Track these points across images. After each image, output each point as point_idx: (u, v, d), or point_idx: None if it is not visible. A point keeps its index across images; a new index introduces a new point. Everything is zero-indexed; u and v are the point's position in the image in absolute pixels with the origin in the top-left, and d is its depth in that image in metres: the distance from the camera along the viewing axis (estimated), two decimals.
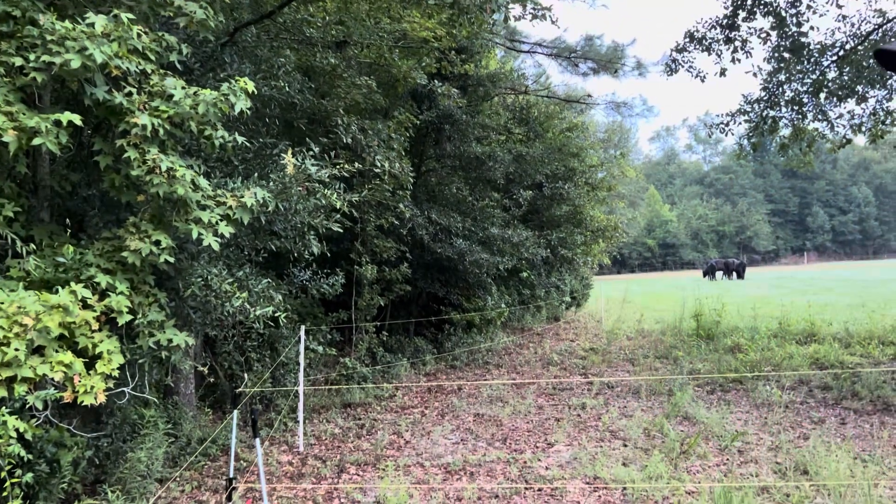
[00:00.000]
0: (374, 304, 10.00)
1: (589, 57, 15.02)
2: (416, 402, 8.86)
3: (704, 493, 4.82)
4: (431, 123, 11.16)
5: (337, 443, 7.06)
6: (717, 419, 7.09)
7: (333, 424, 7.72)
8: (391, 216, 9.58)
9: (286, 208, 5.24)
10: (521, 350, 13.06)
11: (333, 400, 8.66)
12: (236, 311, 5.01)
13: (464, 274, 11.26)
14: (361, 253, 9.81)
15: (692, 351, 11.48)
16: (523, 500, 5.14)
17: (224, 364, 7.71)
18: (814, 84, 9.67)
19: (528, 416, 7.90)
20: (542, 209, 15.87)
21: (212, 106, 4.30)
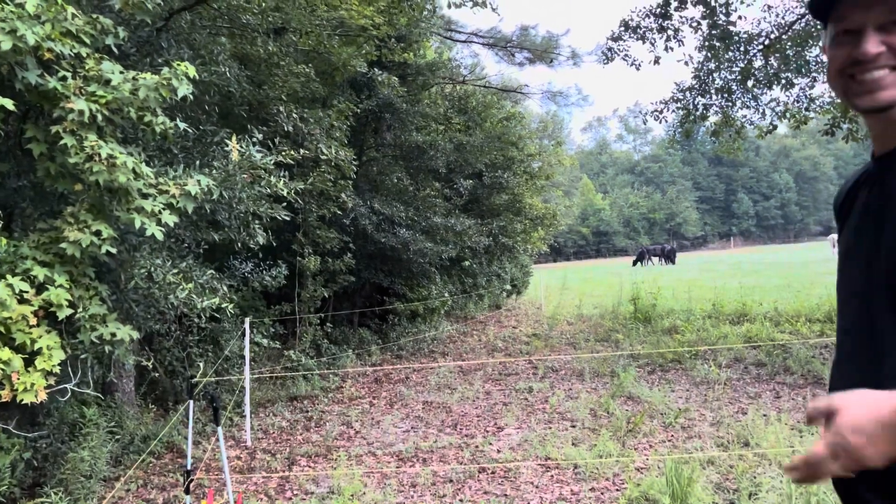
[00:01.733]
0: (317, 296, 9.89)
1: (525, 47, 15.16)
2: (363, 393, 8.81)
3: (654, 467, 4.97)
4: (371, 112, 11.07)
5: (285, 436, 6.97)
6: (660, 397, 7.31)
7: (280, 418, 7.61)
8: (333, 206, 9.46)
9: (230, 196, 5.11)
10: (465, 338, 13.15)
11: (279, 393, 8.53)
12: (181, 304, 4.87)
13: (407, 263, 11.24)
14: (304, 244, 9.67)
15: (631, 333, 11.78)
16: (477, 482, 5.18)
17: (165, 360, 7.49)
18: (742, 72, 10.03)
19: (477, 401, 7.96)
20: (483, 198, 15.96)
21: (153, 91, 4.14)
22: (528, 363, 10.23)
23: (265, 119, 7.96)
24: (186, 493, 3.28)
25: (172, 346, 7.74)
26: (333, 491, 5.14)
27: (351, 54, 8.88)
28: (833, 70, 1.28)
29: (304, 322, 9.92)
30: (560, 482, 5.07)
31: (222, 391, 8.12)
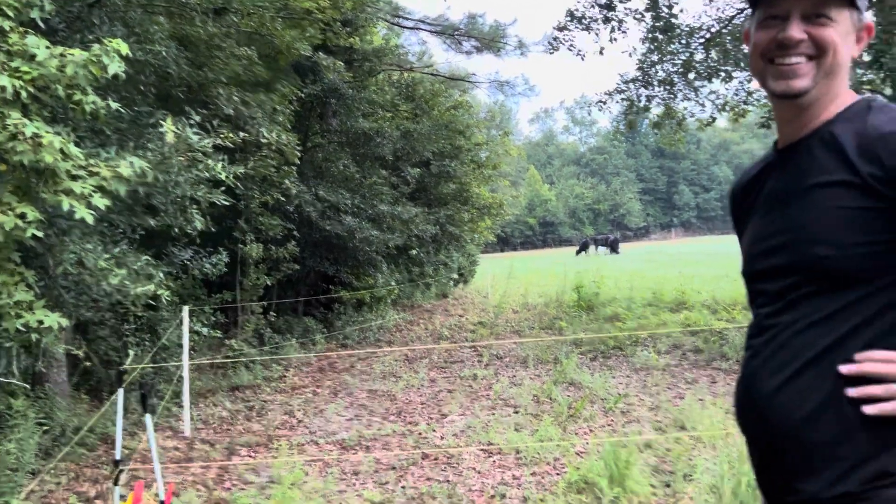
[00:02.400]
0: (260, 284, 9.71)
1: (472, 35, 15.15)
2: (307, 382, 8.71)
3: (593, 451, 5.04)
4: (317, 97, 10.90)
5: (226, 426, 6.83)
6: (601, 383, 7.43)
7: (221, 408, 7.46)
8: (277, 192, 9.30)
9: (166, 180, 4.96)
10: (411, 326, 13.13)
11: (220, 383, 8.36)
12: (114, 290, 4.71)
13: (353, 252, 11.14)
14: (246, 231, 9.47)
15: (574, 321, 11.95)
16: (420, 469, 5.18)
17: (100, 349, 7.25)
18: (684, 65, 10.24)
19: (422, 389, 7.96)
20: (430, 187, 15.94)
21: (82, 68, 3.97)
22: (474, 351, 10.28)
23: (205, 102, 7.75)
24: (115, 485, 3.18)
25: (108, 335, 7.49)
26: (274, 480, 5.06)
27: (295, 37, 8.70)
28: (756, 53, 1.34)
29: (246, 311, 9.73)
30: (502, 467, 5.11)
31: (161, 381, 7.91)
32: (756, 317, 1.38)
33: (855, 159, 1.19)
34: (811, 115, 1.32)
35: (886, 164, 1.16)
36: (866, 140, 1.19)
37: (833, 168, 1.23)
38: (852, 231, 1.19)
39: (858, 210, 1.18)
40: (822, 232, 1.22)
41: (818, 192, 1.25)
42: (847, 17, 1.29)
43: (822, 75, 1.28)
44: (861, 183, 1.18)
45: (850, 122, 1.25)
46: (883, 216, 1.17)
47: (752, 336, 1.37)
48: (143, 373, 7.17)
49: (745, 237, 1.50)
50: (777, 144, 1.43)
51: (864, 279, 1.19)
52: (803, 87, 1.28)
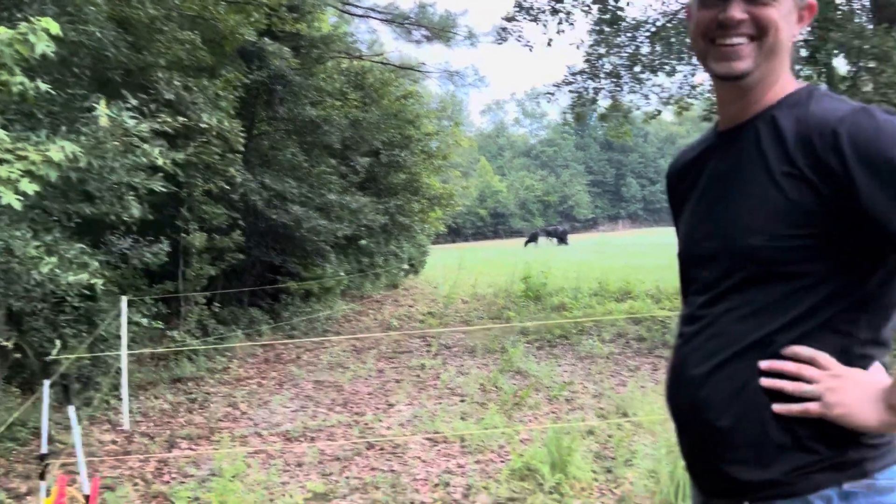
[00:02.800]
0: (203, 274, 9.50)
1: (422, 24, 15.08)
2: (252, 374, 8.58)
3: (537, 439, 5.09)
4: (263, 84, 10.69)
5: (166, 418, 6.68)
6: (547, 372, 7.51)
7: (162, 400, 7.29)
8: (221, 180, 9.09)
9: (101, 165, 4.79)
10: (360, 317, 13.05)
11: (161, 375, 8.16)
12: (45, 279, 4.53)
13: (301, 241, 10.99)
14: (189, 220, 9.24)
15: (522, 311, 12.05)
16: (365, 459, 5.15)
17: (33, 341, 6.99)
18: (630, 58, 10.38)
19: (369, 379, 7.92)
20: (380, 176, 15.82)
21: (7, 46, 3.80)
22: (423, 341, 10.27)
23: (144, 86, 7.52)
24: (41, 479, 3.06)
25: (42, 325, 7.23)
26: (215, 473, 4.96)
27: (239, 22, 8.51)
28: (697, 32, 1.31)
29: (189, 301, 9.52)
30: (447, 456, 5.12)
31: (99, 373, 7.68)
32: (689, 304, 1.37)
33: (792, 149, 1.19)
34: (753, 98, 1.30)
35: (821, 156, 1.15)
36: (805, 129, 1.18)
37: (772, 156, 1.22)
38: (785, 223, 1.18)
39: (793, 201, 1.17)
40: (755, 222, 1.21)
41: (756, 179, 1.24)
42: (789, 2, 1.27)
43: (764, 56, 1.26)
44: (797, 174, 1.17)
45: (791, 109, 1.24)
46: (817, 208, 1.15)
47: (684, 324, 1.37)
48: (79, 364, 6.95)
49: (682, 220, 1.49)
50: (718, 126, 1.41)
51: (797, 273, 1.18)
52: (745, 68, 1.26)
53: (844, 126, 1.13)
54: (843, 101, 1.21)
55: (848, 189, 1.11)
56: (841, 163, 1.12)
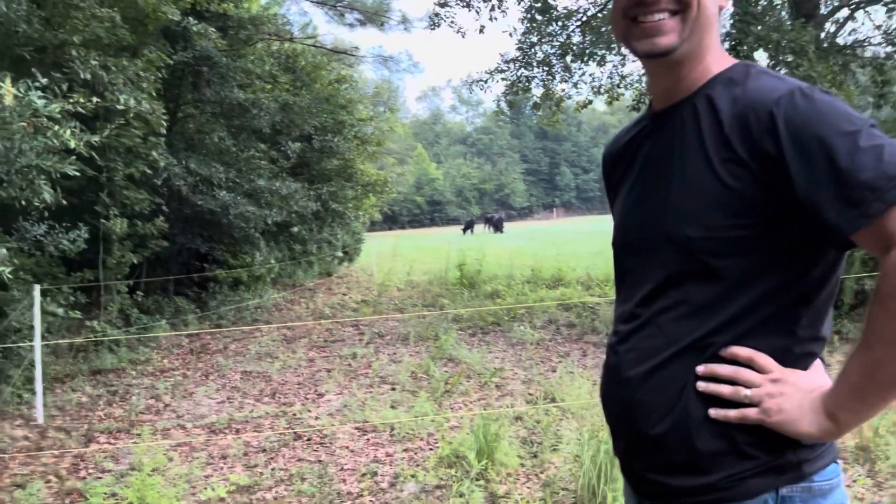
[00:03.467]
0: (125, 262, 9.13)
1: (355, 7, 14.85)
2: (177, 365, 8.33)
3: (466, 425, 5.11)
4: (188, 65, 10.32)
5: (84, 412, 6.41)
6: (478, 358, 7.54)
7: (80, 393, 7.00)
8: (143, 165, 8.75)
9: (8, 148, 4.52)
10: (292, 306, 12.85)
11: (80, 367, 7.83)
12: None
13: (228, 228, 10.70)
14: (109, 205, 8.86)
15: (456, 298, 12.09)
16: (292, 450, 5.06)
17: None
18: (561, 46, 10.46)
19: (299, 369, 7.80)
20: (313, 162, 15.56)
21: None
22: (355, 329, 10.18)
23: (59, 64, 7.14)
24: None
25: None
26: (134, 467, 4.79)
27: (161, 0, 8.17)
28: (617, 10, 1.23)
29: (110, 290, 9.15)
30: (376, 445, 5.08)
31: (11, 366, 7.31)
32: (625, 298, 1.31)
33: (729, 132, 1.12)
34: (683, 75, 1.22)
35: (757, 140, 1.08)
36: (742, 111, 1.11)
37: (709, 140, 1.15)
38: (723, 212, 1.11)
39: (731, 189, 1.10)
40: (691, 211, 1.15)
41: (692, 165, 1.17)
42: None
43: (689, 31, 1.17)
44: (735, 159, 1.10)
45: (728, 87, 1.17)
46: (756, 196, 1.09)
47: (620, 321, 1.30)
48: None
49: (617, 205, 1.42)
50: (652, 107, 1.34)
51: (736, 266, 1.12)
52: (669, 44, 1.17)
53: (780, 107, 1.06)
54: (781, 80, 1.13)
55: (784, 174, 1.05)
56: (776, 146, 1.06)
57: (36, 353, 6.38)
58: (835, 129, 1.03)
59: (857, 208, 1.00)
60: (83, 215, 8.89)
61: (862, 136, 1.02)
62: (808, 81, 5.56)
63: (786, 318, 1.14)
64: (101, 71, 7.11)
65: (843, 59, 7.32)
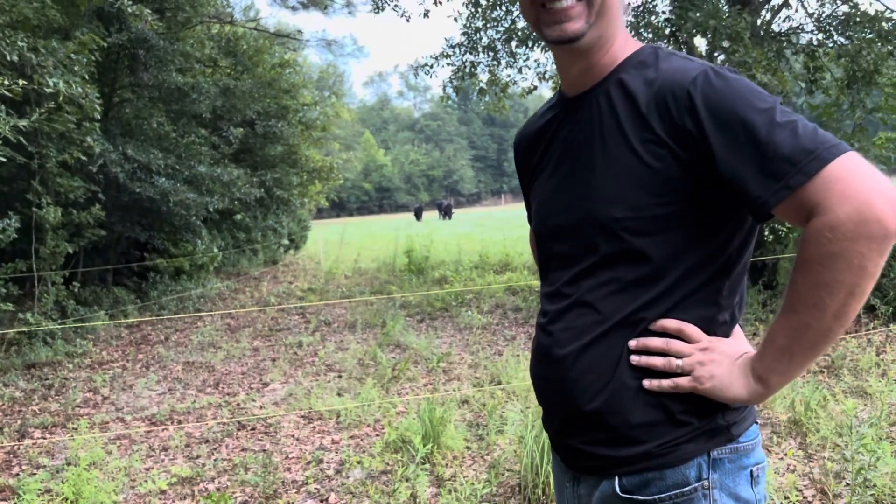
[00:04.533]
0: (60, 252, 8.81)
1: None
2: (116, 357, 8.10)
3: (412, 410, 5.11)
4: (124, 48, 9.97)
5: (18, 407, 6.19)
6: (425, 344, 7.55)
7: (13, 388, 6.75)
8: (77, 151, 8.44)
9: None
10: (236, 295, 12.62)
11: (13, 361, 7.55)
12: None
13: (168, 216, 10.42)
14: (41, 193, 8.52)
15: (404, 285, 12.07)
16: (235, 440, 4.99)
17: None
18: (506, 32, 10.47)
19: (243, 359, 7.68)
20: (256, 148, 15.29)
21: None
22: (302, 318, 10.07)
23: None
24: None
25: None
26: (70, 462, 4.65)
27: None
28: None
29: (44, 281, 8.82)
30: (321, 433, 5.04)
31: None
32: (552, 281, 1.32)
33: (647, 113, 1.14)
34: (594, 60, 1.24)
35: (676, 120, 1.11)
36: (658, 92, 1.14)
37: (626, 122, 1.18)
38: (647, 191, 1.14)
39: (653, 169, 1.13)
40: (615, 191, 1.17)
41: (612, 147, 1.19)
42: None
43: (596, 15, 1.19)
44: (655, 139, 1.13)
45: (639, 70, 1.20)
46: (677, 174, 1.13)
47: (549, 301, 1.32)
48: None
49: (535, 192, 1.43)
50: (563, 93, 1.35)
51: (662, 243, 1.15)
52: (577, 29, 1.19)
53: (697, 87, 1.10)
54: (690, 60, 1.17)
55: (705, 152, 1.09)
56: (696, 125, 1.09)
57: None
58: (752, 107, 1.07)
59: (778, 181, 1.04)
60: (14, 204, 8.55)
61: (777, 112, 1.07)
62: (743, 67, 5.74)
63: (710, 289, 1.18)
64: (28, 53, 6.81)
65: (777, 46, 7.53)
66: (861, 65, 6.82)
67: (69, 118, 8.04)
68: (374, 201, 78.09)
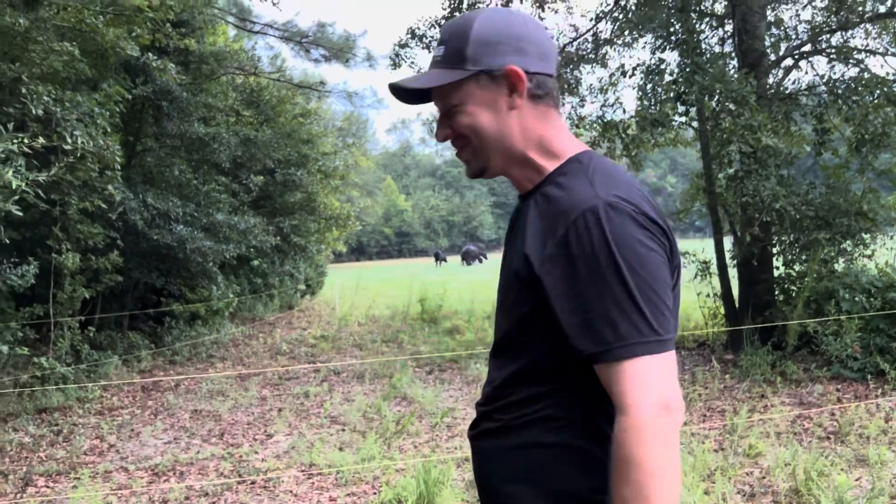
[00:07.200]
0: (77, 297, 8.98)
1: (321, 44, 14.99)
2: (126, 403, 8.18)
3: (411, 469, 5.09)
4: (148, 99, 10.30)
5: (25, 453, 6.25)
6: (432, 397, 7.54)
7: (23, 433, 6.82)
8: (98, 199, 8.66)
9: None
10: (249, 341, 12.70)
11: (25, 405, 7.64)
12: None
13: (185, 262, 10.60)
14: (62, 240, 8.73)
15: (416, 334, 12.08)
16: (235, 494, 4.99)
17: None
18: None
19: (250, 408, 7.70)
20: (275, 195, 15.55)
21: None
22: (311, 365, 10.10)
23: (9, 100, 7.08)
24: None
25: None
26: None
27: (119, 36, 8.18)
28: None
29: (60, 326, 8.97)
30: (320, 489, 5.04)
31: None
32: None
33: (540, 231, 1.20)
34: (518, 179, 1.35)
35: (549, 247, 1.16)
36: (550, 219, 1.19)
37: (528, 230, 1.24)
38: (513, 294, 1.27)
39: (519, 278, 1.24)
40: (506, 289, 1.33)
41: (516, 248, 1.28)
42: (475, 88, 1.26)
43: (485, 154, 1.29)
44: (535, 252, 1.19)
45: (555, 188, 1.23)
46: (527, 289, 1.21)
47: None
48: None
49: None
50: (519, 193, 1.43)
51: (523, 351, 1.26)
52: (476, 170, 1.34)
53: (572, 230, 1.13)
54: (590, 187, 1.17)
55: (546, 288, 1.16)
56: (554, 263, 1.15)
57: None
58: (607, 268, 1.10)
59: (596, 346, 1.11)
60: (35, 249, 8.77)
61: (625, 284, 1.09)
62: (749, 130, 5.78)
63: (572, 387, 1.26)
64: (54, 106, 7.07)
65: (784, 108, 7.60)
66: (868, 129, 6.86)
67: (91, 167, 8.28)
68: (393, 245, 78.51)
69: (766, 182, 6.76)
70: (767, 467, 4.82)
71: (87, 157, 8.01)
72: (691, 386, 7.41)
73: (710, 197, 8.67)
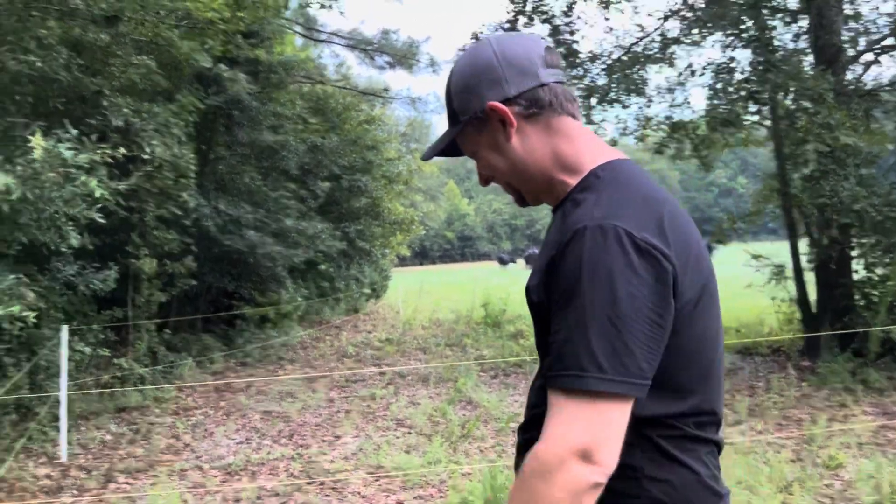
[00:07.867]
0: (154, 301, 9.35)
1: (385, 51, 15.19)
2: (200, 403, 8.44)
3: (477, 473, 5.08)
4: (220, 109, 10.64)
5: (107, 451, 6.53)
6: (496, 402, 7.51)
7: (104, 431, 7.13)
8: (174, 206, 9.00)
9: (37, 196, 4.72)
10: (317, 344, 12.94)
11: (106, 405, 7.98)
12: None
13: (255, 267, 10.90)
14: (140, 245, 9.11)
15: (480, 338, 12.07)
16: (304, 495, 5.08)
17: None
18: (586, 89, 10.55)
19: (318, 410, 7.84)
20: (341, 201, 15.83)
21: None
22: (377, 368, 10.22)
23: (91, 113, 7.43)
24: None
25: None
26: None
27: (193, 48, 8.48)
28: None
29: (139, 328, 9.35)
30: (387, 491, 5.08)
31: (38, 402, 7.49)
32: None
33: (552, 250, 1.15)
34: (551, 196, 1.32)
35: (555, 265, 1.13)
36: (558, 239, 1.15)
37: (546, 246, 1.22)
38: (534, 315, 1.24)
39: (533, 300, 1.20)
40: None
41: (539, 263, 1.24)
42: (474, 135, 1.30)
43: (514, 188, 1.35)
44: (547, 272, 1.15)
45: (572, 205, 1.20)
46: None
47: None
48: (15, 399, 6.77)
49: None
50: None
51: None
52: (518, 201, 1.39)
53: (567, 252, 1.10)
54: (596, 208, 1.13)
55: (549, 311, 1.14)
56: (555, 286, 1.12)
57: (62, 392, 6.54)
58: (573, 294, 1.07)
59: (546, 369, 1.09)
60: (115, 255, 9.16)
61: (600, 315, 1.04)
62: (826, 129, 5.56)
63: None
64: (133, 118, 7.38)
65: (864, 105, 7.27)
66: None
67: (167, 175, 8.60)
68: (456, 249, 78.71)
69: (844, 182, 6.48)
70: (849, 479, 4.61)
71: (163, 166, 8.34)
72: (766, 393, 7.17)
73: (784, 198, 8.37)
